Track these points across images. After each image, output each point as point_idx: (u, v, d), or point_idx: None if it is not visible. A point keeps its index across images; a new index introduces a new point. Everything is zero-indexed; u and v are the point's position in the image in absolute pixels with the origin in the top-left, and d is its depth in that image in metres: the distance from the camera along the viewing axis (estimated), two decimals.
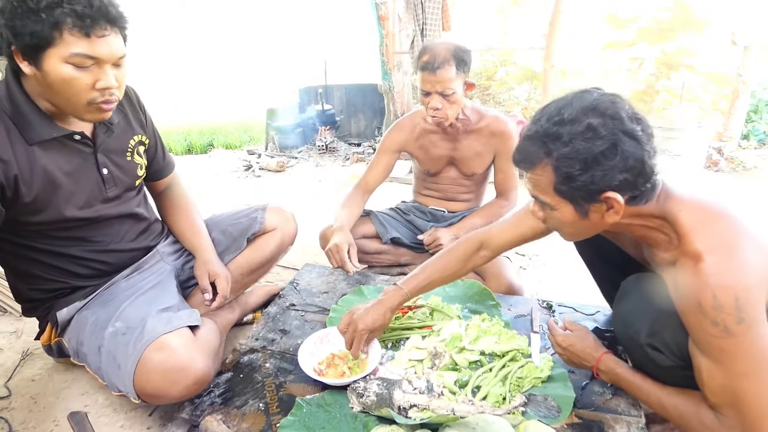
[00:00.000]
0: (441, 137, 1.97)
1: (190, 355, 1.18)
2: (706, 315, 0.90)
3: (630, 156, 0.91)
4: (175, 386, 1.15)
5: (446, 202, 2.12)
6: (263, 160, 5.02)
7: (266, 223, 1.74)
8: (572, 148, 0.92)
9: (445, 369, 1.29)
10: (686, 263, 0.96)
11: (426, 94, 1.79)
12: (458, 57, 1.74)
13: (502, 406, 1.15)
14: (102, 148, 1.30)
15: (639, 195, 0.97)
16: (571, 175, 0.93)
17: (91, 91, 1.11)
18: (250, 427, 1.18)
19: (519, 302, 1.66)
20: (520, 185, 1.93)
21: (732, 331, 0.89)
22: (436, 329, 1.44)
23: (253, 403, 1.25)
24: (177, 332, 1.21)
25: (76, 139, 1.23)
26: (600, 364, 1.19)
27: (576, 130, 0.92)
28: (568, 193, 0.97)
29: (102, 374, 1.24)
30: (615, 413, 1.18)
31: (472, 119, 1.93)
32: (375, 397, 1.16)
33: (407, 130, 2.02)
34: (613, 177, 0.91)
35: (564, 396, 1.22)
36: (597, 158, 0.91)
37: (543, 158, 0.96)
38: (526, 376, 1.26)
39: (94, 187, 1.29)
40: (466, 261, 1.40)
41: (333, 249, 1.77)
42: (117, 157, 1.35)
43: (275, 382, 1.32)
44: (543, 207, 1.06)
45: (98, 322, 1.28)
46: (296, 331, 1.55)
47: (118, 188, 1.36)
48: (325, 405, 1.22)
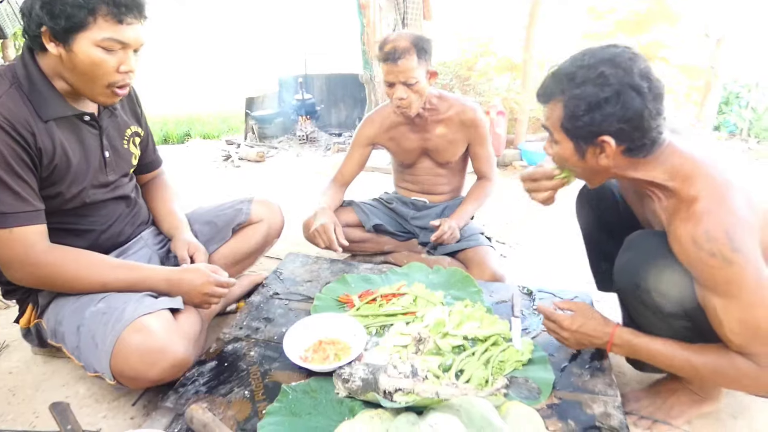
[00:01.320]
0: (410, 128, 1.98)
1: (169, 337, 1.18)
2: (702, 248, 0.97)
3: (630, 108, 0.99)
4: (152, 368, 1.15)
5: (426, 195, 2.13)
6: (242, 150, 4.95)
7: (252, 215, 1.75)
8: (582, 90, 1.02)
9: (429, 354, 1.31)
10: (682, 207, 1.03)
11: (390, 85, 1.80)
12: (419, 46, 1.76)
13: (485, 388, 1.18)
14: (107, 131, 1.37)
15: (635, 148, 1.05)
16: (575, 114, 1.04)
17: (114, 74, 1.19)
18: (235, 414, 1.18)
19: (500, 289, 1.69)
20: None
21: (729, 258, 0.94)
22: (419, 315, 1.46)
23: (238, 390, 1.26)
24: (157, 314, 1.20)
25: (86, 119, 1.30)
26: (614, 338, 1.18)
27: (589, 75, 1.02)
28: (571, 131, 1.08)
29: (79, 354, 1.23)
30: (593, 393, 1.22)
31: (439, 108, 1.94)
32: (360, 382, 1.17)
33: (377, 123, 2.03)
34: (611, 124, 1.01)
35: (544, 378, 1.25)
36: (600, 103, 1.01)
37: (557, 94, 1.07)
38: (507, 359, 1.29)
39: (96, 169, 1.35)
40: None
41: (319, 229, 1.79)
42: (117, 143, 1.42)
43: (260, 369, 1.33)
44: (552, 143, 1.16)
45: (81, 301, 1.28)
46: (280, 319, 1.55)
47: (116, 173, 1.41)
48: (310, 391, 1.23)
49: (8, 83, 1.16)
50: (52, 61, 1.18)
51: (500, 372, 1.25)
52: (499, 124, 3.70)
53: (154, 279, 1.32)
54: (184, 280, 1.34)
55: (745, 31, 4.45)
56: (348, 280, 1.73)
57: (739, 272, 0.95)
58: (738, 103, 5.18)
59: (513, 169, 3.81)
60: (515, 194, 3.23)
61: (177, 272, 1.35)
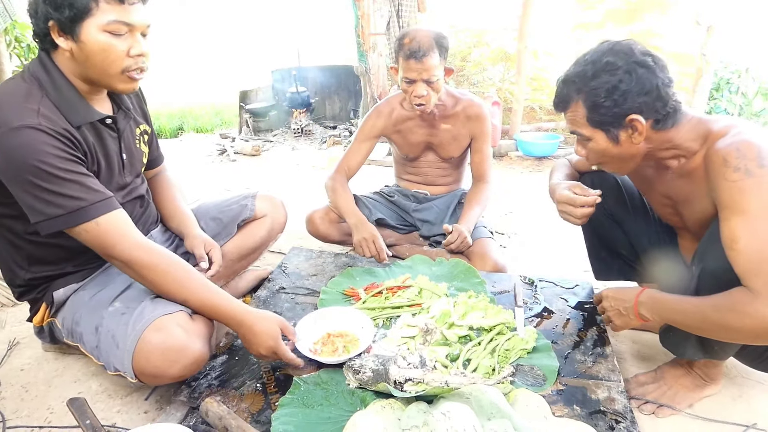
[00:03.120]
0: (418, 123, 1.99)
1: (188, 336, 1.19)
2: (729, 165, 1.01)
3: (645, 81, 1.09)
4: (174, 366, 1.17)
5: (427, 186, 2.15)
6: (238, 144, 4.93)
7: (257, 210, 1.76)
8: (596, 82, 1.12)
9: (436, 344, 1.34)
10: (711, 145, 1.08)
11: (410, 82, 1.80)
12: (440, 43, 1.77)
13: (492, 377, 1.21)
14: (124, 133, 1.36)
15: (661, 119, 1.12)
16: (598, 104, 1.13)
17: (126, 59, 1.18)
18: (249, 407, 1.21)
19: (502, 279, 1.72)
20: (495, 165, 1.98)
21: (753, 171, 0.98)
22: (425, 307, 1.49)
23: (250, 384, 1.28)
24: (175, 314, 1.22)
25: (107, 123, 1.29)
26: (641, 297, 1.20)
27: (598, 68, 1.12)
28: (599, 122, 1.15)
29: (98, 354, 1.24)
30: (596, 379, 1.26)
31: (447, 104, 1.95)
32: (371, 373, 1.20)
33: (385, 115, 2.03)
34: (633, 100, 1.09)
35: (549, 365, 1.29)
36: (616, 86, 1.10)
37: (574, 96, 1.17)
38: (513, 347, 1.32)
39: (115, 172, 1.35)
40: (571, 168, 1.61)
41: (368, 240, 1.79)
42: (131, 144, 1.42)
43: (271, 363, 1.35)
44: (583, 143, 1.23)
45: (97, 301, 1.29)
46: (288, 313, 1.57)
47: (131, 174, 1.42)
48: (321, 383, 1.26)
49: (39, 93, 1.15)
50: (67, 59, 1.17)
51: (506, 360, 1.28)
52: (494, 114, 3.71)
53: (229, 313, 1.25)
54: (255, 328, 1.24)
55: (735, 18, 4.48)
56: (353, 274, 1.75)
57: (755, 183, 0.97)
58: (729, 89, 5.23)
59: (509, 159, 3.84)
60: (513, 185, 3.26)
61: (253, 316, 1.26)
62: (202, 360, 1.22)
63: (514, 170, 3.63)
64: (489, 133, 2.01)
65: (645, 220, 1.45)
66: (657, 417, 1.28)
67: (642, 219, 1.45)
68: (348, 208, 1.91)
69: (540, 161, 3.73)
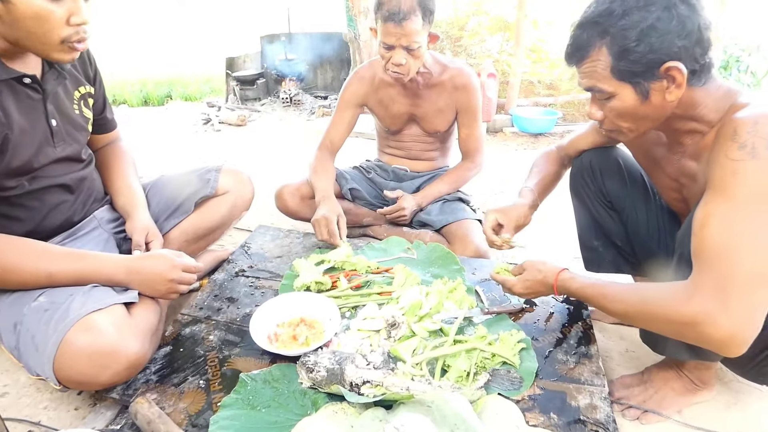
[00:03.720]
0: (400, 92, 1.81)
1: (121, 336, 1.05)
2: (737, 139, 0.85)
3: (686, 20, 0.88)
4: (103, 371, 1.02)
5: (410, 161, 1.99)
6: (223, 114, 4.73)
7: (219, 186, 1.60)
8: (626, 21, 0.90)
9: (403, 339, 1.20)
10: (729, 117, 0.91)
11: (388, 48, 1.61)
12: (424, 6, 1.57)
13: (465, 384, 1.07)
14: (52, 96, 1.19)
15: (699, 70, 0.93)
16: (628, 48, 0.91)
17: (65, 27, 1.03)
18: (187, 407, 1.08)
19: (484, 266, 1.58)
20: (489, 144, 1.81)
21: (759, 153, 0.82)
22: (395, 296, 1.35)
23: (192, 380, 1.15)
24: (108, 310, 1.07)
25: (26, 82, 1.12)
26: (558, 282, 1.17)
27: (628, 4, 0.91)
28: (627, 73, 0.94)
29: (18, 355, 1.10)
30: (578, 383, 1.13)
31: (433, 72, 1.77)
32: (325, 372, 1.07)
33: (367, 81, 1.85)
34: (672, 43, 0.89)
35: (526, 366, 1.15)
36: (653, 25, 0.89)
37: (596, 41, 0.95)
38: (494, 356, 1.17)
39: (42, 141, 1.17)
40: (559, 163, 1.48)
41: (321, 221, 1.61)
42: (66, 109, 1.24)
43: (219, 356, 1.22)
44: (600, 103, 1.02)
45: (19, 294, 1.13)
46: (245, 299, 1.43)
47: (67, 143, 1.24)
48: (272, 380, 1.13)
49: None
50: None
51: (484, 368, 1.13)
52: (490, 87, 3.51)
53: (110, 269, 1.15)
54: (146, 268, 1.18)
55: None
56: (319, 253, 1.60)
57: (755, 170, 0.82)
58: (737, 68, 5.01)
59: (504, 135, 3.65)
60: (506, 163, 3.09)
61: (137, 259, 1.20)
62: (140, 363, 1.08)
63: (508, 147, 3.45)
64: (478, 107, 1.82)
65: (646, 208, 1.29)
66: (641, 423, 1.16)
67: (643, 206, 1.30)
68: (319, 183, 1.75)
69: (536, 138, 3.54)
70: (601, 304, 1.05)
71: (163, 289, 1.20)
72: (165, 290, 1.21)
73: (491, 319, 1.31)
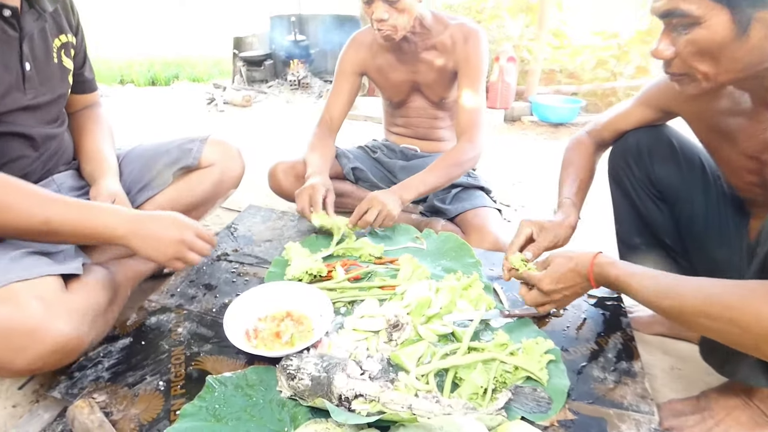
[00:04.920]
0: (398, 57, 1.59)
1: (49, 313, 0.85)
2: None
3: None
4: (21, 355, 0.83)
5: (419, 141, 1.77)
6: (228, 94, 4.55)
7: (203, 158, 1.41)
8: None
9: (407, 344, 1.00)
10: None
11: (368, 2, 1.40)
12: None
13: (482, 404, 0.86)
14: (28, 37, 1.07)
15: None
16: None
17: None
18: (140, 413, 0.88)
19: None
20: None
21: None
22: (399, 291, 1.14)
23: (151, 380, 0.95)
24: (36, 281, 0.88)
25: (5, 15, 1.00)
26: (594, 267, 0.94)
27: None
28: None
29: None
30: (620, 408, 0.91)
31: (434, 32, 1.54)
32: (309, 380, 0.86)
33: (365, 46, 1.64)
34: None
35: (556, 384, 0.94)
36: None
37: None
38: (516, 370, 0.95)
39: (12, 83, 1.02)
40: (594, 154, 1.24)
41: (304, 190, 1.41)
42: (42, 55, 1.10)
43: (186, 352, 1.02)
44: (675, 35, 0.80)
45: None
46: (224, 287, 1.23)
47: (39, 93, 1.10)
48: (245, 386, 0.93)
49: None
50: None
51: (505, 383, 0.92)
52: (509, 72, 3.28)
53: (112, 220, 0.96)
54: (154, 222, 1.00)
55: None
56: (315, 242, 1.40)
57: None
58: None
59: (522, 124, 3.42)
60: (524, 153, 2.87)
61: (144, 213, 1.02)
62: (72, 348, 0.88)
63: (527, 136, 3.22)
64: (480, 67, 1.52)
65: (705, 198, 1.07)
66: None
67: (701, 196, 1.07)
68: (313, 160, 1.54)
69: (556, 128, 3.30)
70: (648, 298, 0.83)
71: (170, 252, 1.01)
72: (172, 253, 1.01)
73: (512, 324, 1.10)
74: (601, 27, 3.78)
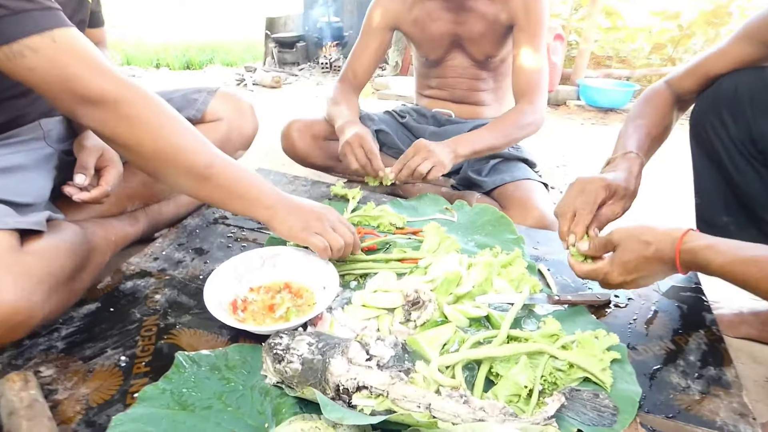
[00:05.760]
0: (440, 5, 1.38)
1: None
2: None
3: None
4: None
5: (455, 105, 1.55)
6: (258, 75, 4.44)
7: (209, 110, 1.25)
8: None
9: (429, 326, 0.79)
10: None
11: None
12: None
13: (526, 409, 0.65)
14: None
15: None
16: None
17: None
18: (90, 393, 0.71)
19: (550, 239, 1.14)
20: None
21: None
22: (422, 264, 0.93)
23: (112, 354, 0.78)
24: None
25: None
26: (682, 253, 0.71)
27: None
28: None
29: None
30: (711, 427, 0.68)
31: None
32: (299, 364, 0.67)
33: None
34: None
35: (624, 390, 0.72)
36: None
37: None
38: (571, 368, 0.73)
39: None
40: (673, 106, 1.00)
41: (353, 141, 1.25)
42: None
43: (160, 323, 0.84)
44: None
45: None
46: (217, 252, 1.05)
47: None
48: (224, 368, 0.74)
49: None
50: None
51: (555, 384, 0.71)
52: (555, 51, 3.00)
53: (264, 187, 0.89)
54: (298, 200, 0.92)
55: None
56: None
57: None
58: None
59: (567, 109, 3.14)
60: (569, 137, 2.60)
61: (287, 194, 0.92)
62: (18, 322, 0.70)
63: (573, 121, 2.94)
64: (540, 21, 1.32)
65: None
66: None
67: None
68: (340, 111, 1.36)
69: (606, 114, 3.01)
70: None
71: (314, 225, 0.88)
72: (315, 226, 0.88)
73: (562, 312, 0.88)
74: (660, 6, 3.45)
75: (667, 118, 0.97)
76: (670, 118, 0.97)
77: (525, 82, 1.35)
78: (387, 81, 3.79)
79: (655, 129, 0.94)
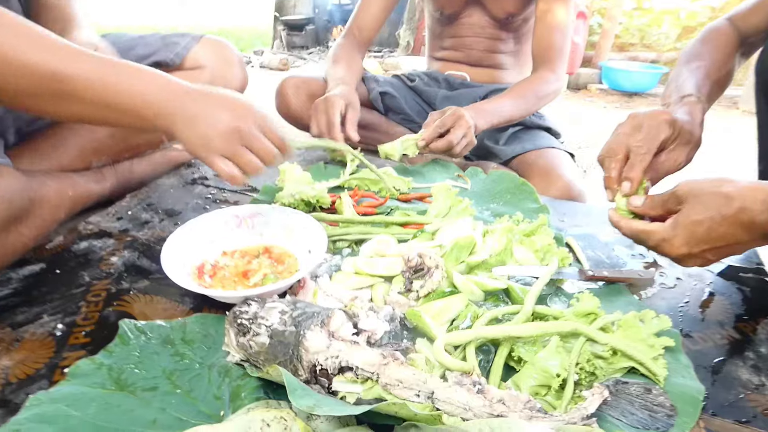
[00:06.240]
0: None
1: None
2: None
3: None
4: None
5: (470, 68, 1.39)
6: (265, 58, 4.34)
7: (189, 56, 1.11)
8: None
9: (437, 296, 0.63)
10: None
11: None
12: None
13: (557, 404, 0.50)
14: None
15: None
16: None
17: None
18: (12, 366, 0.57)
19: (578, 212, 0.98)
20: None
21: None
22: (429, 229, 0.78)
23: (48, 321, 0.64)
24: None
25: None
26: None
27: None
28: None
29: None
30: None
31: None
32: (267, 337, 0.52)
33: None
34: None
35: (682, 386, 0.56)
36: None
37: None
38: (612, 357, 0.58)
39: None
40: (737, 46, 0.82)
41: (320, 104, 1.08)
42: None
43: (111, 288, 0.70)
44: None
45: None
46: (191, 213, 0.91)
47: None
48: (179, 342, 0.60)
49: None
50: None
51: (594, 374, 0.55)
52: (577, 30, 2.83)
53: (150, 87, 0.64)
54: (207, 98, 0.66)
55: None
56: (323, 171, 1.06)
57: None
58: None
59: (588, 92, 2.96)
60: (589, 121, 2.43)
61: (195, 87, 0.67)
62: None
63: (595, 105, 2.76)
64: None
65: None
66: None
67: None
68: (335, 71, 1.21)
69: (631, 98, 2.82)
70: None
71: (221, 145, 0.65)
72: (223, 147, 0.65)
73: (598, 291, 0.72)
74: None
75: (730, 60, 0.80)
76: (732, 61, 0.81)
77: (548, 45, 1.20)
78: (398, 61, 3.64)
79: (716, 72, 0.78)
